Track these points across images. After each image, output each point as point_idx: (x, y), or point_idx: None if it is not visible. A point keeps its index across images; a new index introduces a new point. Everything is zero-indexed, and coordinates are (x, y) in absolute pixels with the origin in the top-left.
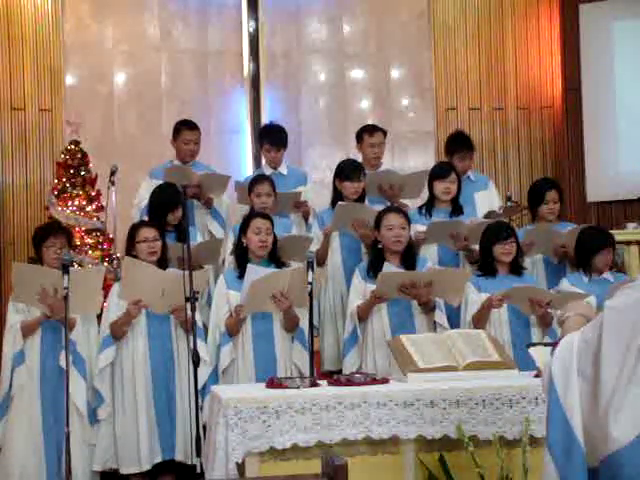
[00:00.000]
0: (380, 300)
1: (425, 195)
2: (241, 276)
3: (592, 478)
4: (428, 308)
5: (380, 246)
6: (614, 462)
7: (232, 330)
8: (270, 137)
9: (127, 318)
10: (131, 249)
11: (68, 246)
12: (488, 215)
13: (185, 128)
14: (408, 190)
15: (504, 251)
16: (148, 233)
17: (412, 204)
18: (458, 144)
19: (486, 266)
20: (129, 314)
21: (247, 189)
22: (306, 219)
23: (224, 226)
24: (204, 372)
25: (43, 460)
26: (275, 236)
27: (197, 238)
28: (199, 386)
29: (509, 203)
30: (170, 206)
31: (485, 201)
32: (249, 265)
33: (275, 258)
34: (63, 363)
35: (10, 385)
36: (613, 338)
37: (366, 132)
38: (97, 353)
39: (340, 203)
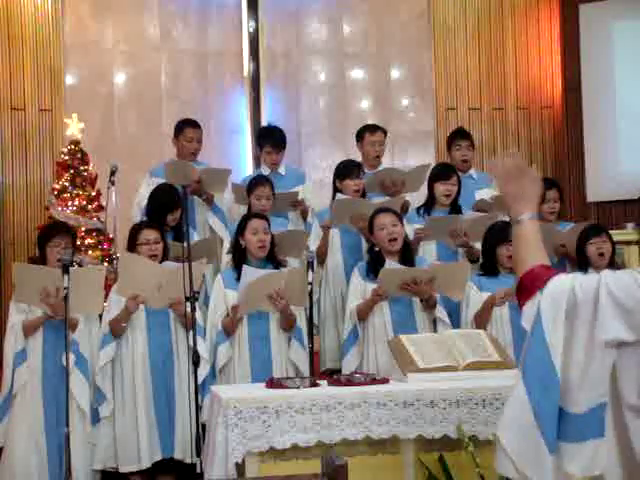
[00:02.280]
0: (381, 298)
1: (424, 193)
2: (239, 277)
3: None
4: (430, 305)
5: (377, 249)
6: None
7: (229, 329)
8: (271, 139)
9: (125, 314)
10: (132, 250)
11: (72, 246)
12: (479, 204)
13: (188, 126)
14: (409, 185)
15: (508, 253)
16: (149, 235)
17: (411, 199)
18: (454, 135)
19: (488, 266)
20: (127, 310)
21: (246, 190)
22: (304, 218)
23: (225, 222)
24: (202, 369)
25: (45, 460)
26: (272, 236)
27: (194, 239)
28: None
29: None
30: (169, 207)
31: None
32: (244, 266)
33: (272, 258)
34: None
35: (12, 384)
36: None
37: (368, 130)
38: (97, 351)
39: (338, 198)
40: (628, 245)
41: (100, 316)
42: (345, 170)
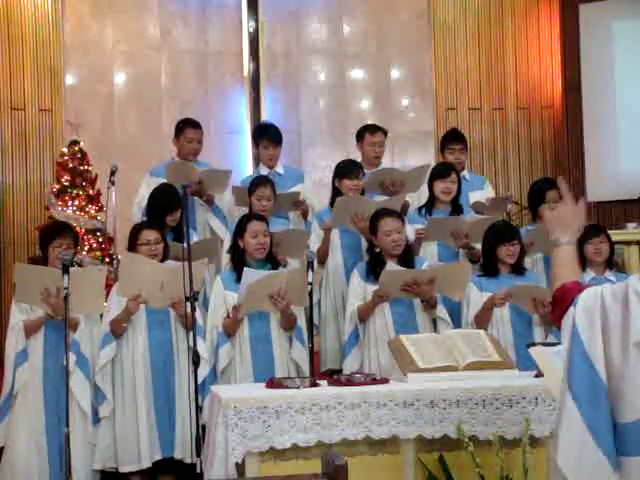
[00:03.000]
0: (382, 299)
1: (425, 195)
2: (238, 279)
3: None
4: (430, 305)
5: (377, 250)
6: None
7: (230, 331)
8: (268, 134)
9: (126, 314)
10: (132, 250)
11: (75, 246)
12: (474, 206)
13: (188, 126)
14: (409, 185)
15: (508, 252)
16: (149, 235)
17: (411, 200)
18: (447, 138)
19: (488, 266)
20: (128, 310)
21: (247, 190)
22: (305, 217)
23: (226, 223)
24: (202, 370)
25: (46, 460)
26: (271, 237)
27: (194, 239)
28: (198, 383)
29: (507, 203)
30: (168, 208)
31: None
32: (245, 269)
33: (271, 258)
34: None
35: (13, 384)
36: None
37: (368, 131)
38: (97, 351)
39: (340, 197)
40: (628, 245)
41: (101, 316)
42: (344, 170)
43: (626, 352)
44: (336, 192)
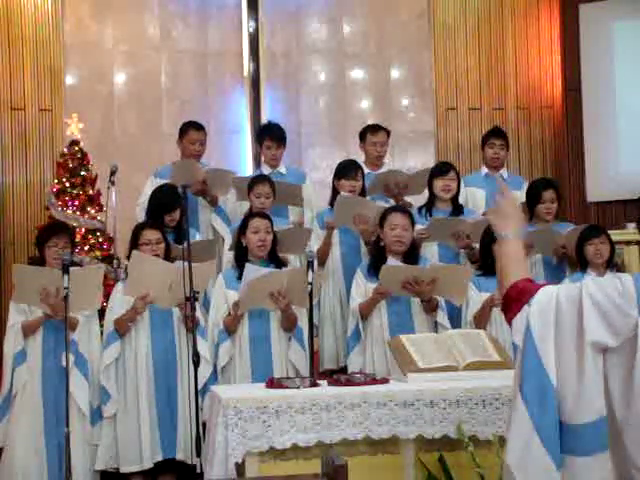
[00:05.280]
0: (382, 295)
1: (426, 195)
2: (240, 277)
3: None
4: (430, 307)
5: (382, 244)
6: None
7: (230, 328)
8: (270, 133)
9: (133, 314)
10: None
11: (71, 246)
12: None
13: (192, 128)
14: (412, 188)
15: None
16: (151, 235)
17: (413, 201)
18: (489, 133)
19: (486, 265)
20: (135, 310)
21: (247, 188)
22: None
23: (228, 223)
24: (205, 371)
25: (44, 460)
26: (275, 235)
27: (197, 239)
28: (200, 385)
29: None
30: (167, 208)
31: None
32: (247, 264)
33: (274, 257)
34: (65, 363)
35: (11, 385)
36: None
37: (369, 131)
38: (102, 350)
39: (342, 195)
40: (628, 245)
41: (100, 316)
42: (343, 170)
43: (582, 353)
44: (336, 192)
